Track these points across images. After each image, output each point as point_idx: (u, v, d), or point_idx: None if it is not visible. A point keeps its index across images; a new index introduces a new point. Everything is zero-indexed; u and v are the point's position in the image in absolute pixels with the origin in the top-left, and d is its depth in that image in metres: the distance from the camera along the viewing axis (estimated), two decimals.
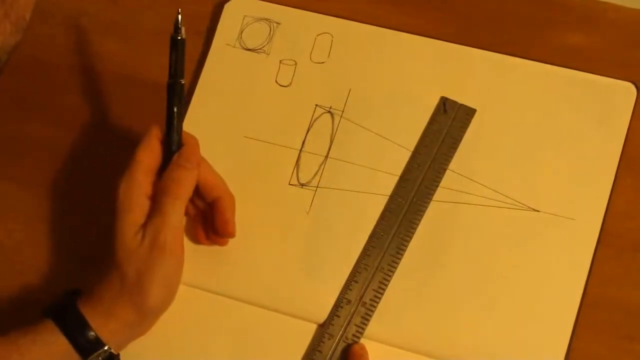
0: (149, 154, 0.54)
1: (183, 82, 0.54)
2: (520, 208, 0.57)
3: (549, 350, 0.55)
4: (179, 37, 0.53)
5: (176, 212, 0.53)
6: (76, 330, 0.52)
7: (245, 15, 0.64)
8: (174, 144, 0.54)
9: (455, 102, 0.60)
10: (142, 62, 0.65)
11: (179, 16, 0.53)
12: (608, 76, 0.59)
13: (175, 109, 0.54)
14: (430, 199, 0.58)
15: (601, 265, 0.56)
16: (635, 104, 0.58)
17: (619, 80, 0.59)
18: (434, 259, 0.57)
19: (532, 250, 0.56)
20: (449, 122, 0.59)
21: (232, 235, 0.57)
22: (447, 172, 0.59)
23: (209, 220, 0.58)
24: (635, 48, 0.60)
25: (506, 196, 0.58)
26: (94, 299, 0.53)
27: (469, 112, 0.59)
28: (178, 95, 0.54)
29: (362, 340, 0.56)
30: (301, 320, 0.57)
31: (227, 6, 0.64)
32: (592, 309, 0.55)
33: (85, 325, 0.52)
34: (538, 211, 0.57)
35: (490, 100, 0.60)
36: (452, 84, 0.60)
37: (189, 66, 0.63)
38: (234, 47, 0.64)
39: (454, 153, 0.59)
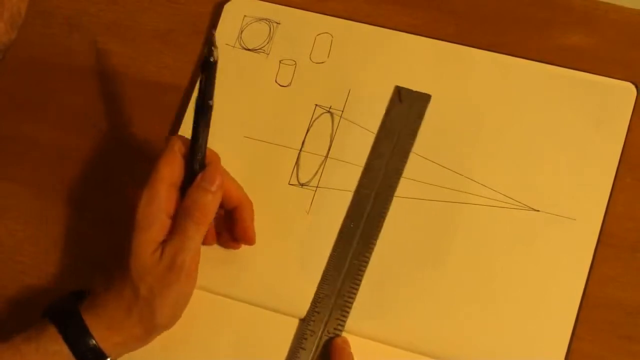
0: (170, 169, 0.53)
1: (211, 104, 0.52)
2: (520, 208, 0.57)
3: (549, 350, 0.54)
4: (212, 59, 0.51)
5: (197, 236, 0.52)
6: (79, 342, 0.51)
7: (245, 15, 0.64)
8: (197, 162, 0.54)
9: (410, 90, 0.60)
10: (142, 62, 0.65)
11: (214, 37, 0.51)
12: (608, 76, 0.59)
13: (201, 129, 0.53)
14: (395, 189, 0.58)
15: (601, 265, 0.56)
16: (635, 104, 0.58)
17: (619, 80, 0.59)
18: (433, 259, 0.57)
19: (532, 250, 0.56)
20: (406, 111, 0.59)
21: (252, 242, 0.57)
22: (447, 172, 0.59)
23: (227, 225, 0.57)
24: (635, 48, 0.60)
25: (506, 196, 0.58)
26: (100, 309, 0.53)
27: (425, 99, 0.60)
28: (205, 116, 0.52)
29: (363, 341, 0.56)
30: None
31: (227, 6, 0.64)
32: (592, 309, 0.55)
33: (88, 337, 0.52)
34: (538, 211, 0.57)
35: (490, 100, 0.60)
36: (452, 84, 0.60)
37: (187, 66, 0.64)
38: (233, 47, 0.64)
39: (414, 140, 0.59)
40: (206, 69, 0.51)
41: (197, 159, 0.53)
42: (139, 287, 0.52)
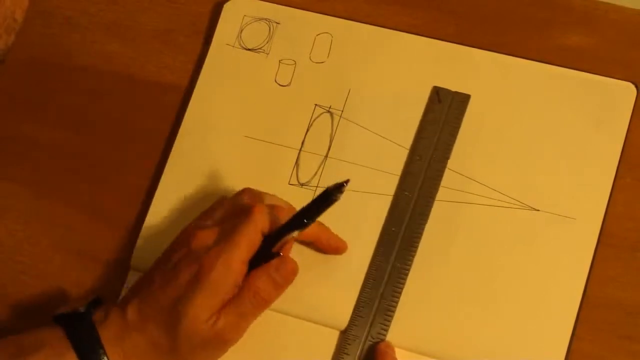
0: (249, 249, 0.53)
1: (309, 224, 0.53)
2: (521, 207, 0.57)
3: (549, 350, 0.54)
4: (333, 198, 0.51)
5: (253, 317, 0.53)
6: None
7: (245, 15, 0.64)
8: (275, 247, 0.54)
9: (448, 90, 0.60)
10: (142, 62, 0.65)
11: (346, 185, 0.51)
12: (608, 76, 0.59)
13: (292, 231, 0.53)
14: (437, 190, 0.58)
15: (601, 265, 0.56)
16: (635, 104, 0.58)
17: (619, 80, 0.59)
18: (433, 259, 0.57)
19: (532, 249, 0.56)
20: (445, 111, 0.59)
21: (345, 250, 0.58)
22: (448, 171, 0.59)
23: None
24: (635, 48, 0.60)
25: (506, 195, 0.58)
26: (128, 350, 0.52)
27: (464, 99, 0.60)
28: (300, 228, 0.53)
29: None
30: (302, 320, 0.57)
31: (226, 6, 0.64)
32: (592, 309, 0.55)
33: None
34: (538, 210, 0.57)
35: (490, 100, 0.60)
36: (451, 84, 0.60)
37: (187, 66, 0.64)
38: (233, 46, 0.64)
39: (454, 142, 0.59)
40: (324, 201, 0.51)
41: (276, 245, 0.53)
42: (181, 347, 0.52)
